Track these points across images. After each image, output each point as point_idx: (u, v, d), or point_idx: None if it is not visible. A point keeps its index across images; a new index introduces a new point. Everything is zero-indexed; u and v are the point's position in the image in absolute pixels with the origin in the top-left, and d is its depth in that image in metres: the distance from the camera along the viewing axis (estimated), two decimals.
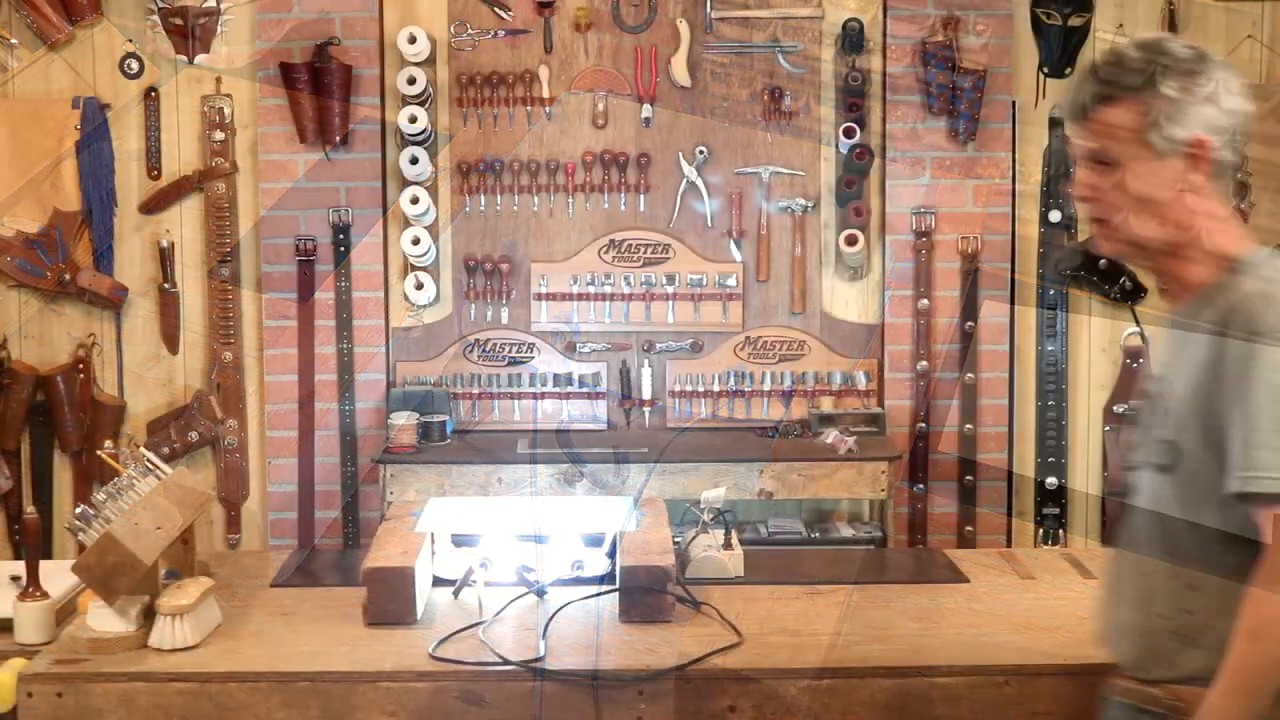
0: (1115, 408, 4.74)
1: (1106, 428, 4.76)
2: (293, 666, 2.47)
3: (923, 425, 4.69)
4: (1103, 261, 4.72)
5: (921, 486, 4.70)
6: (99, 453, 2.92)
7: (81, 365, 4.71)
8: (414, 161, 4.58)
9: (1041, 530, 4.78)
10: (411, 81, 4.56)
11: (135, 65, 4.69)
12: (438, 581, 2.88)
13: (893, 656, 2.51)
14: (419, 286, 4.66)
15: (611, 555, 2.91)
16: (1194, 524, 1.89)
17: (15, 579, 2.75)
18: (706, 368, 4.72)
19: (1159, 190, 1.90)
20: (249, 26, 4.67)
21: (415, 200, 4.59)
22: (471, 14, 4.68)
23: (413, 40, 4.56)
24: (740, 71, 4.70)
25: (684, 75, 4.66)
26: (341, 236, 4.67)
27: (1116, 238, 1.95)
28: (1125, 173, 1.90)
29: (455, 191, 4.71)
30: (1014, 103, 4.67)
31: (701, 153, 4.69)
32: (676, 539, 2.98)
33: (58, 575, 2.71)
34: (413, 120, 4.56)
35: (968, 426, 4.69)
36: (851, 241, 4.63)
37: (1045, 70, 4.70)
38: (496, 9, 4.68)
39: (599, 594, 2.79)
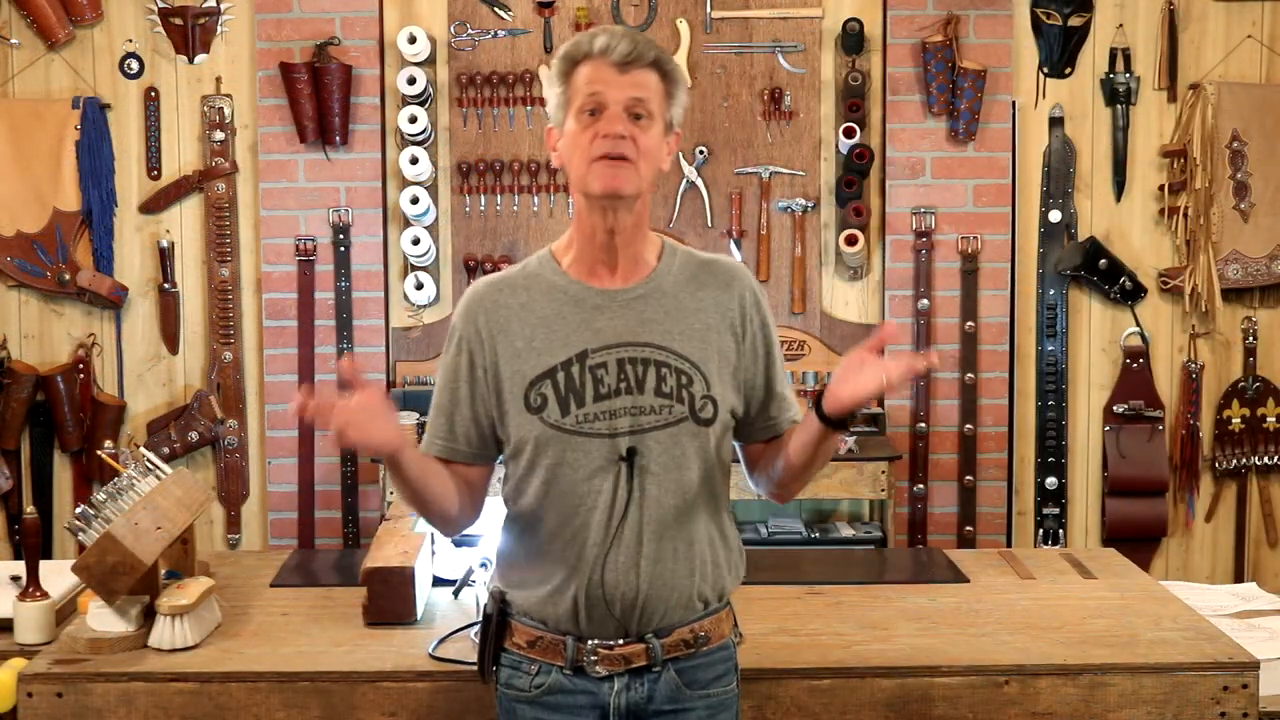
0: (1115, 408, 4.74)
1: (1106, 428, 4.76)
2: (293, 666, 2.47)
3: (922, 425, 4.69)
4: (1103, 261, 4.74)
5: (921, 487, 4.70)
6: (99, 453, 2.92)
7: (81, 365, 4.71)
8: (414, 161, 4.58)
9: (1041, 530, 4.78)
10: (411, 81, 4.56)
11: (135, 65, 4.70)
12: (438, 581, 2.88)
13: (892, 656, 2.51)
14: (419, 286, 4.66)
15: None
16: (722, 463, 2.23)
17: (15, 579, 2.75)
18: None
19: (663, 156, 2.22)
20: (249, 26, 4.68)
21: (415, 200, 4.59)
22: (471, 14, 4.68)
23: (413, 40, 4.56)
24: (740, 71, 4.70)
25: (684, 75, 4.65)
26: (341, 236, 4.67)
27: (637, 176, 2.16)
28: (655, 128, 2.18)
29: (455, 191, 4.71)
30: (1014, 103, 4.67)
31: (701, 153, 4.69)
32: None
33: (58, 575, 2.71)
34: (413, 120, 4.57)
35: (968, 426, 4.70)
36: (851, 241, 4.63)
37: (1045, 70, 4.70)
38: (496, 9, 4.68)
39: None
